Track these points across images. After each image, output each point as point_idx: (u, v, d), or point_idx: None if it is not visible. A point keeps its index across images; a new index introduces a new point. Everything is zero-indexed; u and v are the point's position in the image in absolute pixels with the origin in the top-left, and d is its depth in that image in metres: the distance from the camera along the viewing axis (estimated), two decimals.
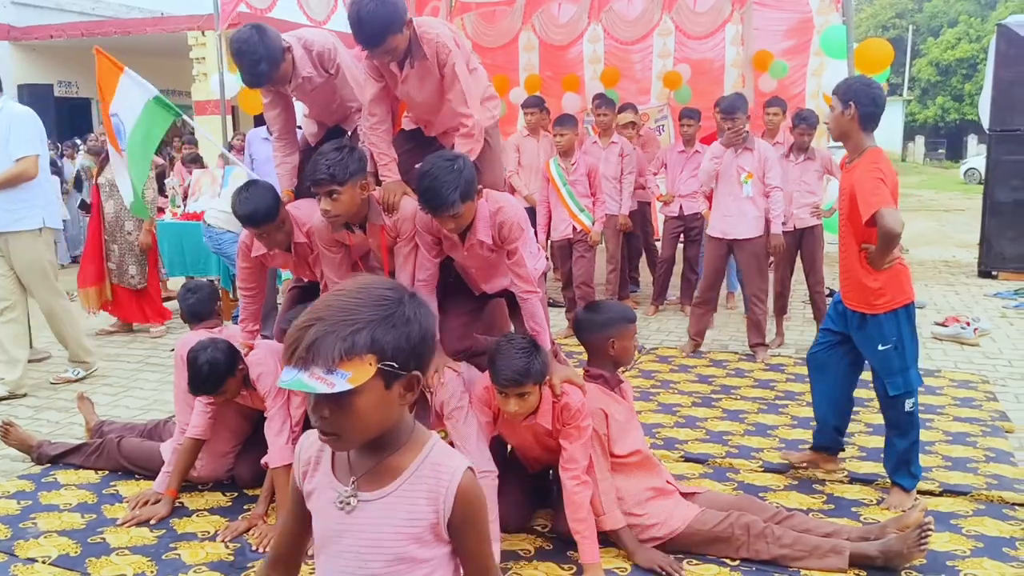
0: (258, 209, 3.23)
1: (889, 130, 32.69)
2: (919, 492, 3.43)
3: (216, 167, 9.06)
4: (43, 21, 14.27)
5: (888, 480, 3.49)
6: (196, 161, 9.25)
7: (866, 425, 4.30)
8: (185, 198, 8.72)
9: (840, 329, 3.56)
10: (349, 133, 3.66)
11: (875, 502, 3.40)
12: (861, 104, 3.29)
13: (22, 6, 14.38)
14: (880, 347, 3.34)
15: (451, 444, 3.03)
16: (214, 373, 3.27)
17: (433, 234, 3.13)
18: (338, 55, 3.43)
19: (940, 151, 36.09)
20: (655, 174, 7.18)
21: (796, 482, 3.62)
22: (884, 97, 3.41)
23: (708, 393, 4.90)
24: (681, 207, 6.91)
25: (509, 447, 3.35)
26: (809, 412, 4.47)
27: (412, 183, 3.23)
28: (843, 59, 6.15)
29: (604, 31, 9.70)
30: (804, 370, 5.23)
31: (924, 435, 4.09)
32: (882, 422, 3.87)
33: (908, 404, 3.35)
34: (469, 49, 3.32)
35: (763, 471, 3.74)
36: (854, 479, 3.62)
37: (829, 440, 3.66)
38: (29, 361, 5.73)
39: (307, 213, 3.33)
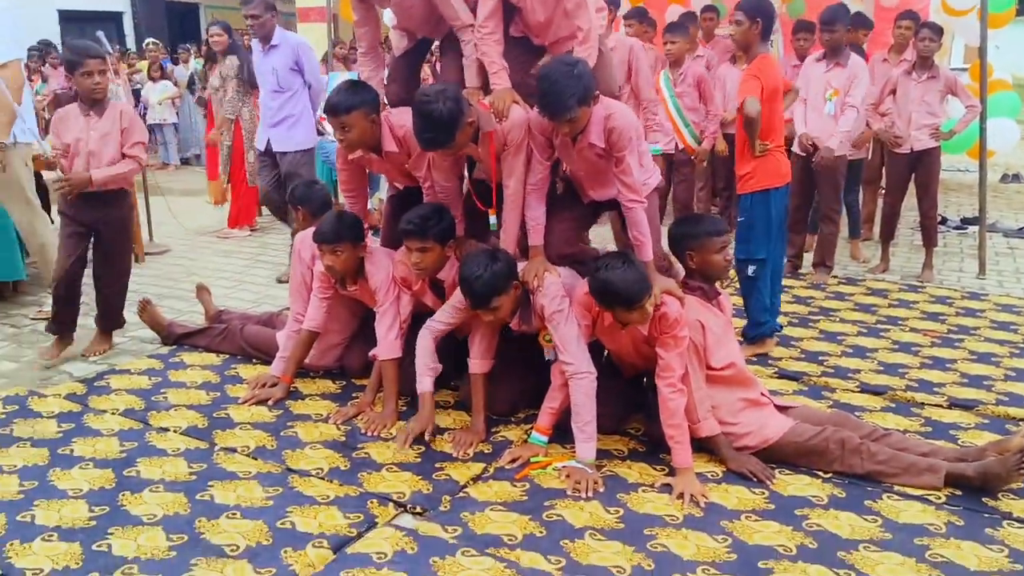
0: (333, 98, 3.29)
1: (1019, 53, 30.34)
2: (1022, 420, 3.39)
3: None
4: None
5: (991, 407, 3.53)
6: None
7: (970, 352, 4.21)
8: None
9: None
10: (437, 42, 3.74)
11: (974, 427, 3.36)
12: (765, 19, 3.98)
13: None
14: (739, 219, 4.20)
15: (553, 345, 3.14)
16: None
17: (546, 135, 3.17)
18: None
19: None
20: None
21: (893, 404, 3.60)
22: (775, 13, 4.18)
23: (806, 314, 4.85)
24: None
25: (606, 352, 3.43)
26: (913, 337, 4.44)
27: (519, 90, 3.26)
28: None
29: None
30: (909, 296, 5.19)
31: None
32: (986, 350, 4.31)
33: (750, 270, 4.13)
34: None
35: (860, 391, 3.73)
36: (954, 404, 3.57)
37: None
38: (150, 253, 6.16)
39: (402, 120, 3.37)
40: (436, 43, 3.95)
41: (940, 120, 5.64)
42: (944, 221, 7.14)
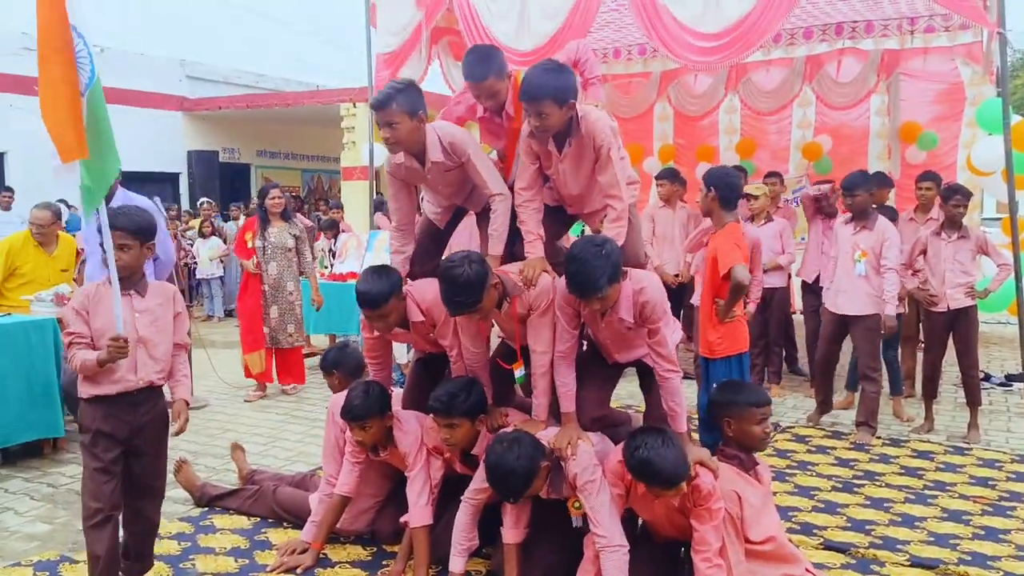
0: (367, 292, 3.35)
1: None
2: None
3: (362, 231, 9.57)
4: (213, 94, 15.64)
5: None
6: (332, 227, 9.69)
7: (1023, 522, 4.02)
8: (333, 258, 9.27)
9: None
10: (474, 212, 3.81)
11: None
12: (719, 189, 4.20)
13: (196, 80, 15.82)
14: (715, 385, 3.94)
15: (584, 516, 3.08)
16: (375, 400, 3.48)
17: (573, 307, 3.23)
18: (468, 148, 3.47)
19: None
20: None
21: None
22: (740, 183, 4.43)
23: (849, 478, 4.69)
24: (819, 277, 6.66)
25: (640, 520, 3.34)
26: (962, 504, 4.25)
27: (549, 258, 3.36)
28: (999, 134, 5.91)
29: (741, 101, 9.68)
30: (955, 459, 5.02)
31: None
32: None
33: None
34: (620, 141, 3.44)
35: (910, 566, 3.55)
36: None
37: None
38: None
39: (425, 292, 3.46)
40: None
41: (974, 278, 5.64)
42: (988, 378, 6.99)
